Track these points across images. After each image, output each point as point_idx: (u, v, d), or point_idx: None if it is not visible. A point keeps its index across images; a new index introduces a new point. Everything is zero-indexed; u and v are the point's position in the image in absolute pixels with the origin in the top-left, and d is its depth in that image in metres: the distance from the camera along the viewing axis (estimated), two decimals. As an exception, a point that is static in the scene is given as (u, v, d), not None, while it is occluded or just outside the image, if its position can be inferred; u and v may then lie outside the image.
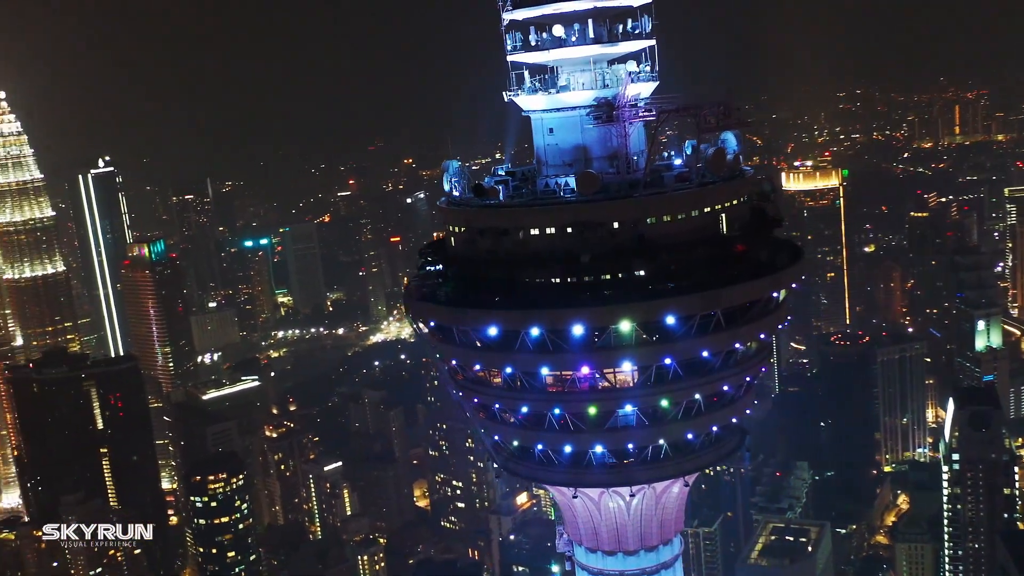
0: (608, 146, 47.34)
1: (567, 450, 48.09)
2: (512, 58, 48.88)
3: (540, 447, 49.18)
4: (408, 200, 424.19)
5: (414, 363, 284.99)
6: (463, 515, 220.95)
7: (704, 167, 46.88)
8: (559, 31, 47.38)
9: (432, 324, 49.30)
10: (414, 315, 50.27)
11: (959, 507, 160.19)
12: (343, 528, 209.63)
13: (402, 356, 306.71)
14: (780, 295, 48.28)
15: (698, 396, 46.70)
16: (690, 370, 45.66)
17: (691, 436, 48.37)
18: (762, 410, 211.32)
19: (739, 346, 46.80)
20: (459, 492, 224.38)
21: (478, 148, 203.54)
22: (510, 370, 46.88)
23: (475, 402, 50.46)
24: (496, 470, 55.35)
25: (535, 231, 45.54)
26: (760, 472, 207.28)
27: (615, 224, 44.44)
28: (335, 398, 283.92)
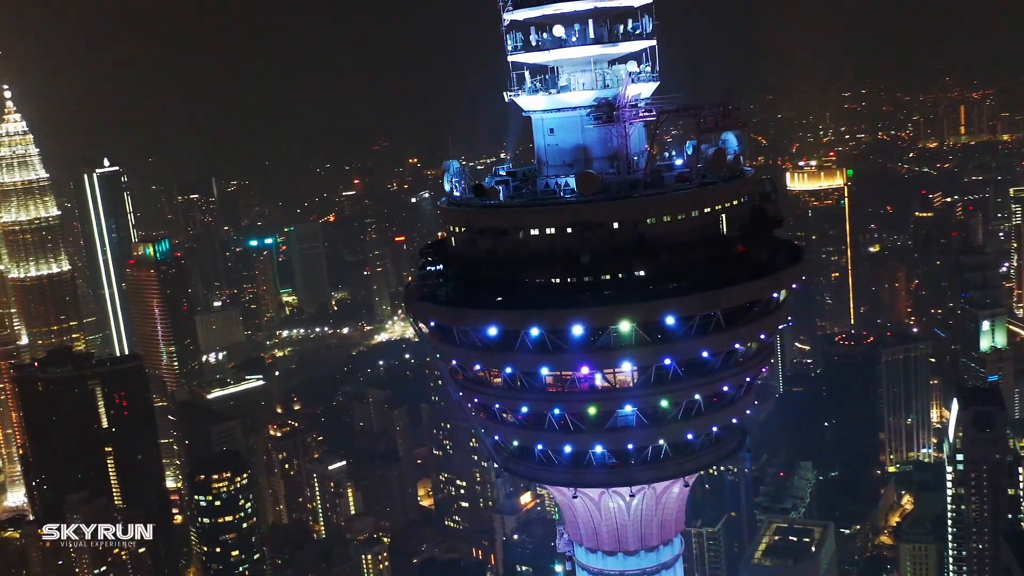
0: (608, 146, 47.29)
1: (567, 450, 48.03)
2: (513, 58, 48.84)
3: (540, 447, 49.12)
4: (413, 200, 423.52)
5: (418, 362, 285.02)
6: (467, 514, 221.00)
7: (704, 167, 46.83)
8: (560, 31, 47.31)
9: (432, 324, 49.27)
10: (414, 315, 50.24)
11: (963, 507, 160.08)
12: (347, 527, 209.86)
13: (406, 355, 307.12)
14: (780, 295, 48.14)
15: (698, 396, 46.59)
16: (690, 370, 45.56)
17: (691, 436, 48.27)
18: (764, 410, 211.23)
19: (739, 347, 46.70)
20: (463, 491, 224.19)
21: (480, 148, 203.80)
22: (510, 370, 46.82)
23: (475, 402, 50.43)
24: (496, 470, 55.35)
25: (535, 231, 45.46)
26: (764, 472, 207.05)
27: (615, 224, 44.35)
28: (339, 397, 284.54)
